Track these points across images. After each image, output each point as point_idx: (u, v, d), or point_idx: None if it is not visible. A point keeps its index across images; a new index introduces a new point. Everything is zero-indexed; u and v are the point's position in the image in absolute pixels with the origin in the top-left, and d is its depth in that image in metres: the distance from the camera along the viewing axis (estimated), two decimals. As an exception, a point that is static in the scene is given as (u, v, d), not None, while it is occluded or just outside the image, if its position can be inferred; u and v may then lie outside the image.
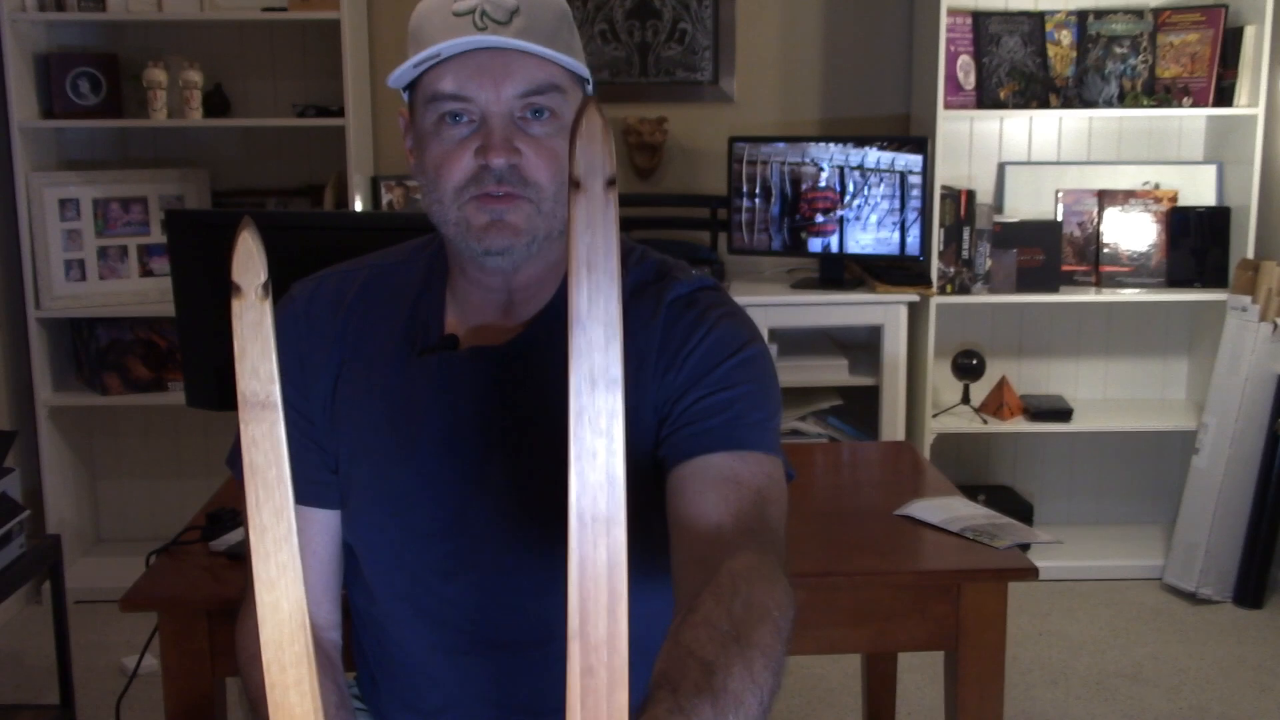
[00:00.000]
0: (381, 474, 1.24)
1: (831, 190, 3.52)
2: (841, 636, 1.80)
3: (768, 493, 1.15)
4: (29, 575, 2.55)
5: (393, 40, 3.70)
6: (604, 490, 0.63)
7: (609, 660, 0.64)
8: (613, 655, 0.64)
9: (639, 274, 1.26)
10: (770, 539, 1.10)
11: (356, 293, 1.28)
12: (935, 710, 2.80)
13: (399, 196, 3.64)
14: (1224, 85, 3.58)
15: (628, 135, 3.70)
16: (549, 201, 1.16)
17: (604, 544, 0.63)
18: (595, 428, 0.64)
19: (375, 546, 1.26)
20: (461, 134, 1.15)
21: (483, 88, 1.13)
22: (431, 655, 1.26)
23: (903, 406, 3.56)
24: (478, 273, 1.23)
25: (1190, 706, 2.92)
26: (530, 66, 1.13)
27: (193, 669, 1.67)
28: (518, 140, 1.14)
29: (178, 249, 1.98)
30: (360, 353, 1.26)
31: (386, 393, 1.24)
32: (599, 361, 0.64)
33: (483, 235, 1.16)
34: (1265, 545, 3.43)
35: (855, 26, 3.76)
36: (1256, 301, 3.42)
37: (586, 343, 0.64)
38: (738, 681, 0.87)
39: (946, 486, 2.09)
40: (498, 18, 1.12)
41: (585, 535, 0.63)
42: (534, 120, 1.15)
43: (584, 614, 0.64)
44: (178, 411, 3.72)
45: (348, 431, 1.25)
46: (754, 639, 0.93)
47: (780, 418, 1.25)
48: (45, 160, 3.56)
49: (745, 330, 1.24)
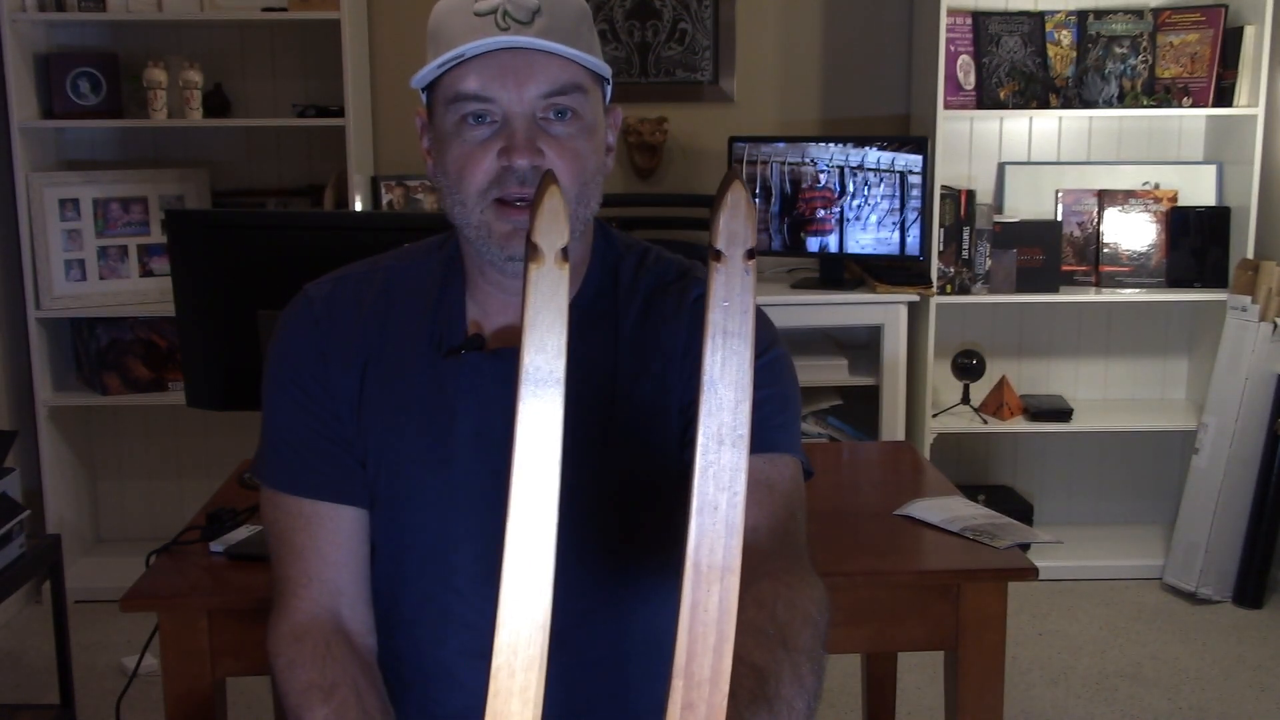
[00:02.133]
0: (414, 475, 1.23)
1: (831, 190, 3.52)
2: (841, 636, 1.80)
3: (795, 496, 1.17)
4: (29, 575, 2.55)
5: (393, 40, 3.70)
6: (721, 541, 0.66)
7: (710, 697, 0.67)
8: (714, 693, 0.67)
9: (659, 272, 1.27)
10: (801, 541, 1.13)
11: (376, 294, 1.27)
12: (935, 710, 2.80)
13: (399, 196, 3.64)
14: (1224, 85, 3.58)
15: (628, 135, 3.70)
16: (571, 203, 1.14)
17: (717, 590, 0.66)
18: (719, 483, 0.66)
19: (406, 548, 1.24)
20: (484, 135, 1.14)
21: (505, 88, 1.12)
22: (458, 659, 1.25)
23: (903, 406, 3.56)
24: (499, 275, 1.22)
25: (1190, 706, 2.92)
26: (552, 67, 1.13)
27: (193, 669, 1.67)
28: (540, 141, 1.13)
29: (178, 249, 1.98)
30: (384, 353, 1.25)
31: (416, 393, 1.23)
32: (727, 421, 0.67)
33: (505, 243, 1.16)
34: (1265, 545, 3.43)
35: (855, 26, 3.77)
36: (1256, 301, 3.42)
37: (717, 403, 0.67)
38: (789, 688, 0.90)
39: (946, 486, 2.09)
40: (520, 18, 1.12)
41: (700, 581, 0.66)
42: (556, 120, 1.15)
43: (691, 653, 0.66)
44: (178, 411, 3.72)
45: (377, 432, 1.24)
46: (799, 643, 0.96)
47: (800, 418, 1.27)
48: (45, 160, 3.56)
49: (768, 332, 1.24)
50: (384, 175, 3.67)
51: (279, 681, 1.19)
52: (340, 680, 1.16)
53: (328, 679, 1.16)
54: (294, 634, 1.20)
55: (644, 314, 1.24)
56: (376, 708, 1.17)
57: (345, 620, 1.23)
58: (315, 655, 1.18)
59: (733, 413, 0.66)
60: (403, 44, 3.70)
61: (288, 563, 1.23)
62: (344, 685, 1.16)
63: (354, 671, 1.18)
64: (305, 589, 1.22)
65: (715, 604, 0.66)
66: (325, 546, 1.23)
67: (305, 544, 1.23)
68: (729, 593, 0.66)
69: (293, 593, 1.22)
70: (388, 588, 1.27)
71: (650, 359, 1.23)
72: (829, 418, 3.65)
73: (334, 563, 1.23)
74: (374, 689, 1.20)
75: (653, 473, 1.21)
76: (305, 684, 1.16)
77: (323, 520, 1.23)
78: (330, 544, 1.23)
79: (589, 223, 1.22)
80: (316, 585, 1.22)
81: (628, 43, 3.73)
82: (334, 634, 1.21)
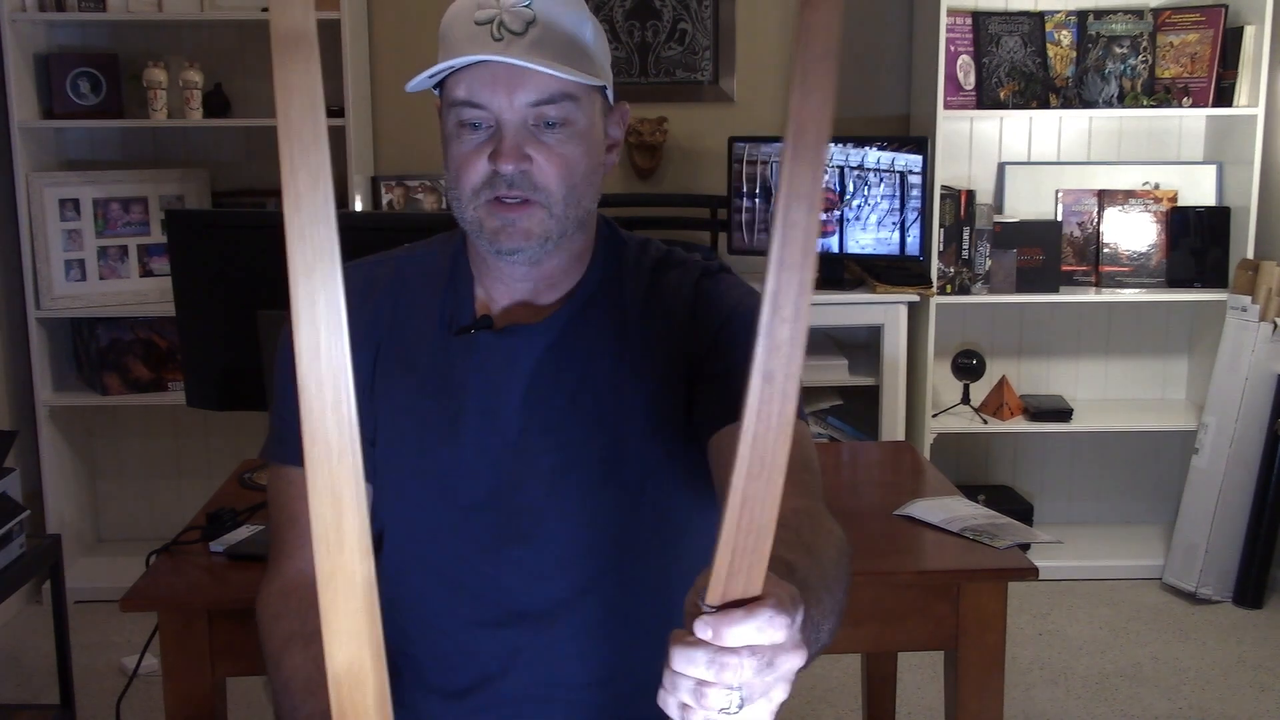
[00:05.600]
0: (422, 450, 1.27)
1: (831, 190, 3.52)
2: (841, 636, 1.77)
3: (807, 453, 1.20)
4: (29, 575, 2.55)
5: (393, 40, 3.70)
6: (777, 407, 0.68)
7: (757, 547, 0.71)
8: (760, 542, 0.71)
9: (664, 254, 1.34)
10: (819, 493, 1.17)
11: (389, 280, 1.33)
12: (935, 710, 2.80)
13: (399, 196, 3.64)
14: (1224, 85, 3.58)
15: (628, 135, 3.69)
16: (559, 205, 1.21)
17: (771, 447, 0.69)
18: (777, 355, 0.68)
19: (415, 523, 1.28)
20: (478, 140, 1.20)
21: (496, 96, 1.18)
22: (468, 630, 1.28)
23: (903, 406, 3.56)
24: (501, 265, 1.28)
25: (1190, 706, 2.92)
26: (542, 77, 1.17)
27: (193, 669, 1.67)
28: (529, 147, 1.19)
29: (178, 249, 1.99)
30: (396, 335, 1.31)
31: (425, 372, 1.29)
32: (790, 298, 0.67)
33: (494, 237, 1.22)
34: (1265, 545, 3.43)
35: (855, 26, 3.76)
36: (1256, 301, 3.42)
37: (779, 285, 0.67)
38: (816, 580, 0.94)
39: (946, 486, 2.09)
40: (514, 29, 1.17)
41: (756, 443, 0.68)
42: (546, 129, 1.20)
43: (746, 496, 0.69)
44: (178, 411, 3.72)
45: (386, 411, 1.28)
46: (825, 556, 1.00)
47: (800, 389, 1.31)
48: (45, 160, 3.56)
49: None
50: (384, 175, 3.67)
51: (263, 637, 1.20)
52: (321, 630, 1.17)
53: (309, 628, 1.16)
54: (282, 591, 1.22)
55: (650, 286, 1.31)
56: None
57: None
58: (300, 607, 1.19)
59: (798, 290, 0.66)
60: (403, 44, 3.70)
61: (284, 528, 1.27)
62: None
63: None
64: (298, 550, 1.24)
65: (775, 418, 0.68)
66: None
67: (302, 511, 1.24)
68: (780, 451, 0.69)
69: (286, 555, 1.25)
70: (396, 565, 1.30)
71: (657, 328, 1.29)
72: (829, 418, 3.65)
73: None
74: None
75: (661, 438, 1.26)
76: (287, 633, 1.17)
77: None
78: None
79: (589, 214, 1.27)
80: (309, 548, 1.23)
81: (628, 43, 3.73)
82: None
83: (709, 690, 0.72)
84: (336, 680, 0.70)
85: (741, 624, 0.71)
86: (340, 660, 0.70)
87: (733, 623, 0.71)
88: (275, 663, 1.16)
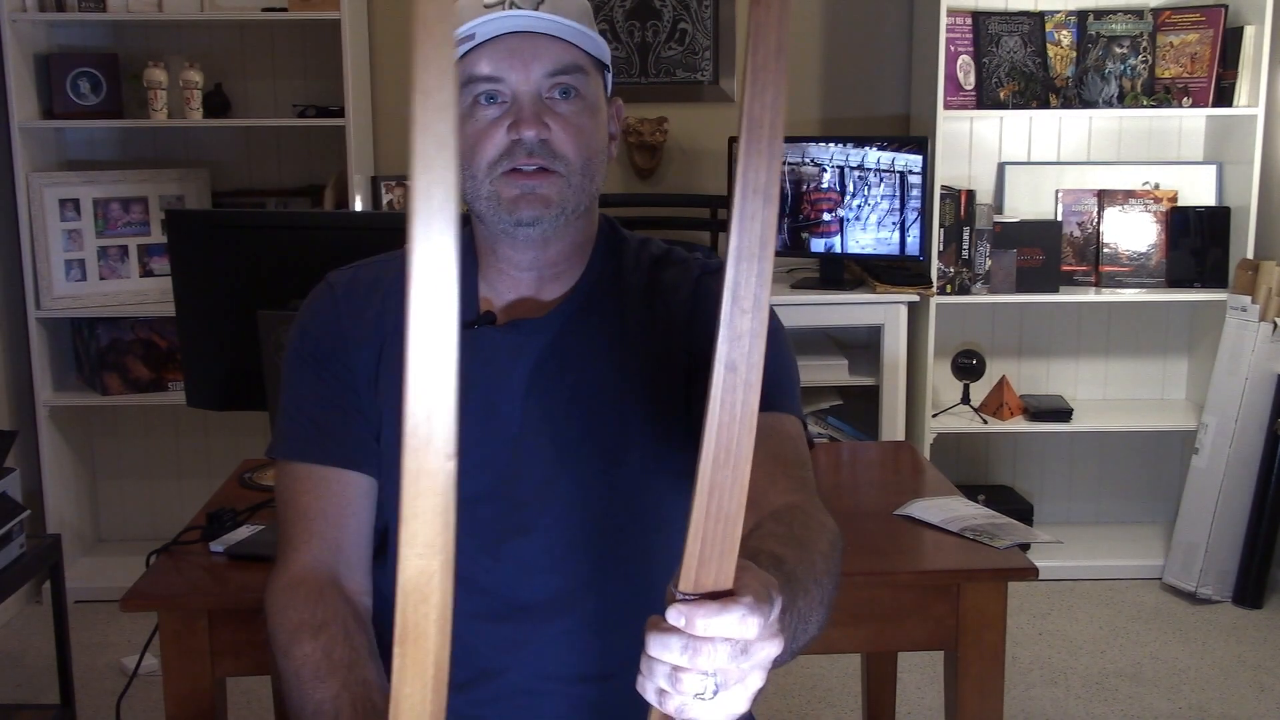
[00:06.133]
0: None
1: (832, 190, 3.52)
2: (841, 636, 1.80)
3: (804, 448, 1.23)
4: (29, 575, 2.55)
5: (393, 40, 3.70)
6: (740, 397, 0.70)
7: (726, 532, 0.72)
8: (730, 529, 0.72)
9: (663, 252, 1.36)
10: (813, 488, 1.19)
11: (392, 277, 1.33)
12: (935, 710, 2.80)
13: (399, 196, 3.64)
14: (1224, 85, 3.58)
15: (628, 135, 3.70)
16: (577, 175, 1.23)
17: (735, 435, 0.71)
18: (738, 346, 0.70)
19: None
20: (495, 114, 1.22)
21: (513, 68, 1.20)
22: (468, 624, 1.27)
23: (903, 406, 3.56)
24: (509, 250, 1.28)
25: (1190, 706, 2.92)
26: (556, 49, 1.21)
27: (193, 669, 1.67)
28: (546, 116, 1.21)
29: (178, 249, 1.99)
30: (401, 332, 1.30)
31: None
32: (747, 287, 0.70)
33: (513, 207, 1.22)
34: (1265, 545, 3.43)
35: (855, 26, 3.77)
36: (1256, 301, 3.42)
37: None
38: (805, 572, 0.95)
39: (946, 486, 2.09)
40: (525, 5, 1.20)
41: (720, 429, 0.71)
42: (561, 99, 1.22)
43: (714, 483, 0.72)
44: (178, 411, 3.73)
45: (391, 407, 1.29)
46: (815, 549, 1.01)
47: (799, 385, 1.35)
48: (45, 160, 3.56)
49: (770, 309, 1.31)
50: (384, 175, 3.66)
51: (271, 629, 1.21)
52: (330, 620, 1.19)
53: (318, 618, 1.18)
54: (290, 584, 1.22)
55: (650, 284, 1.32)
56: (365, 648, 1.19)
57: (342, 577, 1.26)
58: (308, 598, 1.20)
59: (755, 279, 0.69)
60: (403, 44, 3.69)
61: (292, 523, 1.27)
62: (334, 624, 1.18)
63: (345, 614, 1.20)
64: (306, 544, 1.25)
65: (739, 405, 0.70)
66: (330, 508, 1.27)
67: (310, 505, 1.27)
68: (745, 439, 0.70)
69: (294, 549, 1.25)
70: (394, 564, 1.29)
71: (657, 326, 1.30)
72: (829, 418, 3.65)
73: (337, 524, 1.26)
74: (364, 632, 1.22)
75: (660, 433, 1.27)
76: (295, 623, 1.18)
77: (330, 484, 1.27)
78: (335, 506, 1.27)
79: (595, 199, 1.29)
80: (317, 541, 1.25)
81: (628, 43, 3.73)
82: (329, 583, 1.23)
83: (684, 676, 0.74)
84: (404, 590, 0.71)
85: (715, 616, 0.72)
86: (410, 570, 0.71)
87: (706, 614, 0.72)
88: (284, 652, 1.17)
